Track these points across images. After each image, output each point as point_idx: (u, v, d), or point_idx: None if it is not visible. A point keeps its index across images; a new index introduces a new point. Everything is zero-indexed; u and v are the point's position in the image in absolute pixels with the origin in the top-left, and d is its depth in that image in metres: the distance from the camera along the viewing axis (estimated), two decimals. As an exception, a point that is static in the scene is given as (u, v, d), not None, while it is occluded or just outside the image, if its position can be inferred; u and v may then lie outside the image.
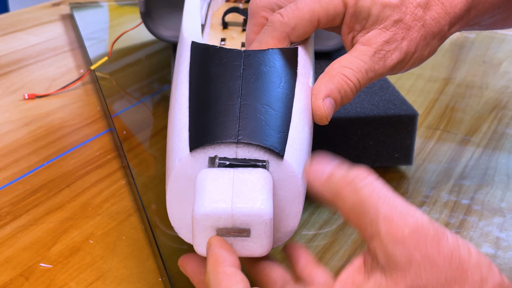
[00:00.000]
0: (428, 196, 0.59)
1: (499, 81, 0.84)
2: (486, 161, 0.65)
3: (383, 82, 0.66)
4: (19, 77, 0.83)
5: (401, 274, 0.31)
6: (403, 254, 0.31)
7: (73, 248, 0.51)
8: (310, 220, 0.55)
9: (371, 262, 0.33)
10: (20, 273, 0.48)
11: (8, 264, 0.49)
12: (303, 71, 0.45)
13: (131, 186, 0.60)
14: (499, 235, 0.53)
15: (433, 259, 0.31)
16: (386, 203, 0.33)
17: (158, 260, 0.49)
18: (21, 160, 0.64)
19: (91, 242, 0.52)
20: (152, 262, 0.50)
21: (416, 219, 0.32)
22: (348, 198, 0.34)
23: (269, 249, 0.39)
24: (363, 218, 0.33)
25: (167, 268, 0.47)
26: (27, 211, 0.56)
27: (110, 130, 0.70)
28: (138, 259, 0.50)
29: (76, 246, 0.52)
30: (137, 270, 0.49)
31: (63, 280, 0.48)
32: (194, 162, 0.39)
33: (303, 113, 0.42)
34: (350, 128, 0.60)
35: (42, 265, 0.49)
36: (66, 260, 0.50)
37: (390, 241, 0.32)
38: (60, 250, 0.51)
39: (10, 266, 0.49)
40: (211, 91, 0.42)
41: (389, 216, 0.32)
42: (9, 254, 0.50)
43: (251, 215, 0.37)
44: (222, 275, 0.35)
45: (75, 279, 0.48)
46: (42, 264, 0.49)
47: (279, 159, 0.39)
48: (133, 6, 1.10)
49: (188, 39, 0.47)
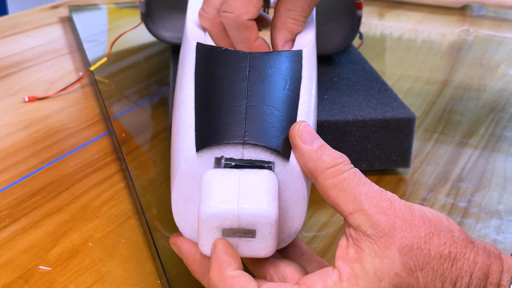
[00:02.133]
0: (426, 199, 0.59)
1: (496, 84, 0.85)
2: (483, 164, 0.65)
3: (381, 85, 0.67)
4: (18, 80, 0.83)
5: (389, 238, 0.37)
6: (386, 222, 0.37)
7: (72, 250, 0.51)
8: (308, 223, 0.56)
9: (355, 235, 0.38)
10: (20, 275, 0.49)
11: (7, 266, 0.49)
12: (307, 74, 0.45)
13: (130, 188, 0.60)
14: (496, 238, 0.54)
15: (411, 222, 0.37)
16: (365, 185, 0.38)
17: (157, 262, 0.49)
18: (20, 163, 0.64)
19: (90, 244, 0.52)
20: (151, 265, 0.50)
21: (389, 195, 0.38)
22: (333, 175, 0.39)
23: (274, 250, 0.39)
24: (344, 195, 0.38)
25: (166, 270, 0.48)
26: (26, 214, 0.56)
27: (109, 133, 0.70)
28: (137, 262, 0.50)
29: (75, 248, 0.52)
30: (136, 273, 0.49)
31: (62, 282, 0.48)
32: (200, 162, 0.39)
33: (308, 115, 0.43)
34: (348, 131, 0.60)
35: (42, 267, 0.49)
36: (65, 263, 0.50)
37: (374, 213, 0.37)
38: (59, 253, 0.51)
39: (10, 269, 0.49)
40: (217, 92, 0.42)
41: (369, 193, 0.38)
42: (8, 257, 0.50)
43: (257, 216, 0.37)
44: (230, 279, 0.37)
45: (74, 282, 0.48)
46: (42, 267, 0.50)
47: (285, 160, 0.39)
48: (132, 9, 1.10)
49: (193, 40, 0.47)
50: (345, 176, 0.38)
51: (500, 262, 0.38)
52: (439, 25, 1.10)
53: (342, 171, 0.39)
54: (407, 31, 1.06)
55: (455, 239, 0.37)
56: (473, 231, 0.54)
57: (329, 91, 0.65)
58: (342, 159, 0.39)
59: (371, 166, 0.62)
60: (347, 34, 0.72)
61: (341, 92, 0.65)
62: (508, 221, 0.56)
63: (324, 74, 0.70)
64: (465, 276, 0.37)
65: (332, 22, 0.73)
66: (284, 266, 0.40)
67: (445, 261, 0.37)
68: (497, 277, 0.37)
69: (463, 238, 0.38)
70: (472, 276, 0.37)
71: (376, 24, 1.09)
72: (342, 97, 0.64)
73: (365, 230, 0.37)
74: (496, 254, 0.38)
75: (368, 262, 0.37)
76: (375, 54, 0.96)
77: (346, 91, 0.65)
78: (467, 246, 0.37)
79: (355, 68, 0.71)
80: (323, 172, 0.39)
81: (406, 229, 0.37)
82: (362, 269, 0.37)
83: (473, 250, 0.37)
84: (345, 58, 0.74)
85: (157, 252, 0.49)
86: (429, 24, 1.10)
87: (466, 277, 0.37)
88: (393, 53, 0.97)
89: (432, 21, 1.11)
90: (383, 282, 0.36)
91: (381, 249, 0.37)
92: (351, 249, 0.38)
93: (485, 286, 0.37)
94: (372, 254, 0.37)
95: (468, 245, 0.38)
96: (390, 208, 0.37)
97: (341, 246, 0.39)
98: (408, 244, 0.37)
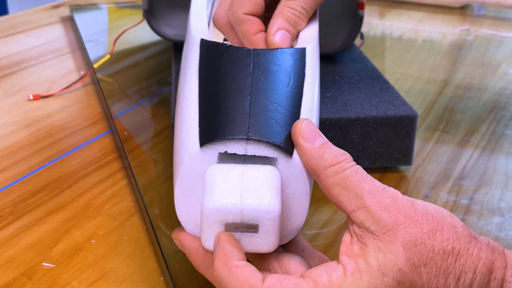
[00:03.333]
0: (428, 196, 0.59)
1: (497, 83, 0.85)
2: (485, 162, 0.65)
3: (383, 83, 0.67)
4: (19, 79, 0.83)
5: (393, 234, 0.37)
6: (389, 218, 0.37)
7: (75, 248, 0.52)
8: (311, 220, 0.56)
9: (359, 232, 0.38)
10: (23, 272, 0.49)
11: (10, 263, 0.50)
12: (311, 72, 0.45)
13: (133, 186, 0.60)
14: (498, 235, 0.54)
15: (414, 218, 0.37)
16: (367, 182, 0.38)
17: (160, 259, 0.49)
18: (23, 161, 0.64)
19: (93, 242, 0.52)
20: (154, 262, 0.50)
21: (391, 192, 0.38)
22: (335, 173, 0.39)
23: (276, 245, 0.39)
24: (347, 193, 0.38)
25: (169, 267, 0.48)
26: (29, 211, 0.56)
27: (111, 131, 0.70)
28: (140, 259, 0.50)
29: (78, 246, 0.52)
30: (139, 270, 0.49)
31: (66, 279, 0.48)
32: (203, 157, 0.39)
33: (311, 112, 0.43)
34: (350, 128, 0.60)
35: (45, 264, 0.50)
36: (68, 260, 0.50)
37: (377, 210, 0.37)
38: (63, 250, 0.51)
39: (13, 266, 0.49)
40: (221, 88, 0.42)
41: (372, 190, 0.38)
42: (11, 254, 0.51)
43: (260, 211, 0.37)
44: (235, 269, 0.37)
45: (78, 279, 0.48)
46: (45, 264, 0.50)
47: (288, 156, 0.39)
48: (132, 9, 1.10)
49: (197, 37, 0.47)
50: (347, 173, 0.39)
51: (504, 258, 0.38)
52: (439, 25, 1.10)
53: (344, 169, 0.39)
54: (407, 31, 1.06)
55: (459, 235, 0.37)
56: (475, 229, 0.54)
57: (331, 89, 0.65)
58: (344, 157, 0.39)
59: (373, 164, 0.62)
60: (349, 34, 0.73)
61: (343, 90, 0.65)
62: (510, 219, 0.56)
63: (326, 72, 0.70)
64: (468, 271, 0.37)
65: (335, 21, 0.73)
66: (288, 260, 0.40)
67: (449, 256, 0.37)
68: (501, 272, 0.37)
69: (467, 234, 0.38)
70: (475, 272, 0.37)
71: (376, 24, 1.09)
72: (344, 95, 0.64)
73: (368, 226, 0.38)
74: (500, 250, 0.38)
75: (372, 258, 0.37)
76: (376, 53, 0.96)
77: (348, 89, 0.65)
78: (471, 242, 0.38)
79: (356, 66, 0.72)
80: (325, 170, 0.39)
81: (409, 225, 0.37)
82: (366, 264, 0.37)
83: (476, 245, 0.37)
84: (346, 57, 0.74)
85: (160, 249, 0.49)
86: (430, 23, 1.10)
87: (470, 272, 0.37)
88: (393, 53, 0.97)
89: (432, 21, 1.12)
90: (386, 277, 0.36)
91: (384, 244, 0.37)
92: (355, 245, 0.38)
93: (489, 281, 0.37)
94: (376, 249, 0.37)
95: (472, 241, 0.38)
96: (393, 205, 0.38)
97: (345, 242, 0.39)
98: (411, 239, 0.37)
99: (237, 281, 0.37)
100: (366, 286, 0.36)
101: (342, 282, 0.36)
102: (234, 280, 0.37)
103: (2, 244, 0.52)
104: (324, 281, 0.37)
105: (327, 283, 0.36)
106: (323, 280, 0.37)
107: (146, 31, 0.78)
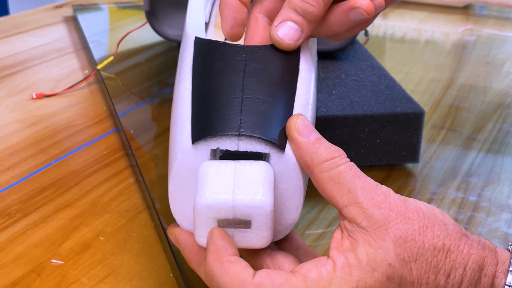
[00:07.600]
0: (436, 193, 0.59)
1: (502, 81, 0.85)
2: (492, 159, 0.65)
3: (389, 81, 0.67)
4: (24, 78, 0.83)
5: (384, 230, 0.37)
6: (381, 215, 0.37)
7: (83, 244, 0.51)
8: (317, 219, 0.55)
9: (350, 227, 0.38)
10: (32, 269, 0.48)
11: (19, 260, 0.49)
12: (305, 67, 0.45)
13: (140, 184, 0.60)
14: (507, 231, 0.54)
15: (405, 215, 0.37)
16: (360, 178, 0.38)
17: (169, 256, 0.49)
18: (29, 159, 0.64)
19: (102, 239, 0.52)
20: (163, 258, 0.50)
21: (384, 189, 0.38)
22: (329, 168, 0.39)
23: (270, 241, 0.39)
24: (340, 188, 0.38)
25: (179, 263, 0.47)
26: (36, 208, 0.56)
27: (117, 129, 0.70)
28: (149, 255, 0.50)
29: (87, 242, 0.52)
30: (149, 266, 0.49)
31: (75, 276, 0.48)
32: (196, 154, 0.39)
33: (306, 107, 0.43)
34: (357, 126, 0.60)
35: (54, 261, 0.49)
36: (77, 257, 0.50)
37: (369, 206, 0.37)
38: (71, 247, 0.51)
39: (22, 263, 0.49)
40: (214, 85, 0.42)
41: (365, 187, 0.38)
42: (20, 251, 0.50)
43: (252, 207, 0.37)
44: (227, 264, 0.37)
45: (87, 275, 0.48)
46: (54, 260, 0.49)
47: (280, 152, 0.39)
48: (132, 10, 1.10)
49: (191, 35, 0.47)
50: (341, 169, 0.38)
51: (495, 255, 0.38)
52: (442, 24, 1.10)
53: (338, 164, 0.39)
54: (410, 30, 1.06)
55: (449, 232, 0.37)
56: (484, 225, 0.54)
57: (337, 87, 0.65)
58: (338, 153, 0.39)
59: (380, 161, 0.62)
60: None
61: (350, 88, 0.65)
62: (518, 215, 0.56)
63: (332, 70, 0.70)
64: (459, 267, 0.37)
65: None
66: (281, 257, 0.40)
67: (439, 253, 0.37)
68: (492, 269, 0.37)
69: (457, 231, 0.38)
70: (466, 268, 0.37)
71: (379, 24, 1.09)
72: (351, 92, 0.64)
73: (359, 222, 0.37)
74: (491, 248, 0.38)
75: (362, 252, 0.37)
76: (380, 52, 0.96)
77: (355, 87, 0.65)
78: (461, 239, 0.38)
79: (362, 64, 0.72)
80: (319, 165, 0.39)
81: (400, 221, 0.37)
82: (356, 259, 0.37)
83: (467, 242, 0.37)
84: (352, 55, 0.74)
85: (169, 245, 0.49)
86: (433, 23, 1.10)
87: (460, 268, 0.37)
88: (397, 52, 0.97)
89: (435, 20, 1.12)
90: (376, 272, 0.36)
91: (375, 240, 0.37)
92: (346, 240, 0.38)
93: (480, 278, 0.37)
94: (366, 244, 0.37)
95: (462, 238, 0.38)
96: (385, 202, 0.38)
97: (336, 237, 0.39)
98: (402, 236, 0.37)
99: (228, 276, 0.36)
100: (356, 280, 0.36)
101: (332, 277, 0.36)
102: (225, 274, 0.37)
103: (10, 241, 0.52)
104: (314, 275, 0.36)
105: (317, 278, 0.36)
106: (313, 275, 0.36)
107: (150, 31, 0.78)
